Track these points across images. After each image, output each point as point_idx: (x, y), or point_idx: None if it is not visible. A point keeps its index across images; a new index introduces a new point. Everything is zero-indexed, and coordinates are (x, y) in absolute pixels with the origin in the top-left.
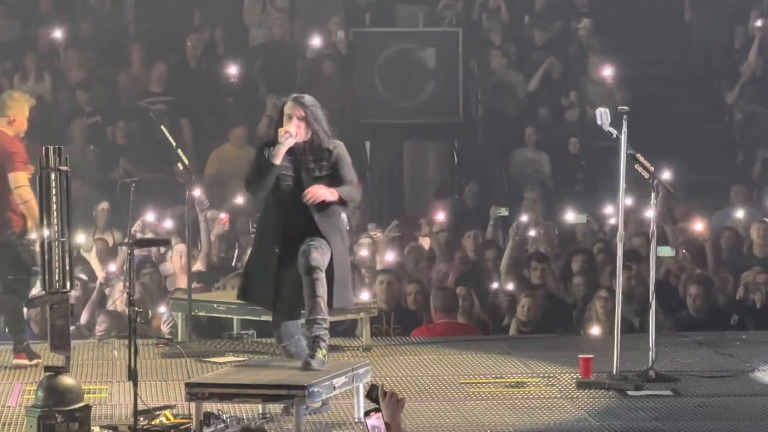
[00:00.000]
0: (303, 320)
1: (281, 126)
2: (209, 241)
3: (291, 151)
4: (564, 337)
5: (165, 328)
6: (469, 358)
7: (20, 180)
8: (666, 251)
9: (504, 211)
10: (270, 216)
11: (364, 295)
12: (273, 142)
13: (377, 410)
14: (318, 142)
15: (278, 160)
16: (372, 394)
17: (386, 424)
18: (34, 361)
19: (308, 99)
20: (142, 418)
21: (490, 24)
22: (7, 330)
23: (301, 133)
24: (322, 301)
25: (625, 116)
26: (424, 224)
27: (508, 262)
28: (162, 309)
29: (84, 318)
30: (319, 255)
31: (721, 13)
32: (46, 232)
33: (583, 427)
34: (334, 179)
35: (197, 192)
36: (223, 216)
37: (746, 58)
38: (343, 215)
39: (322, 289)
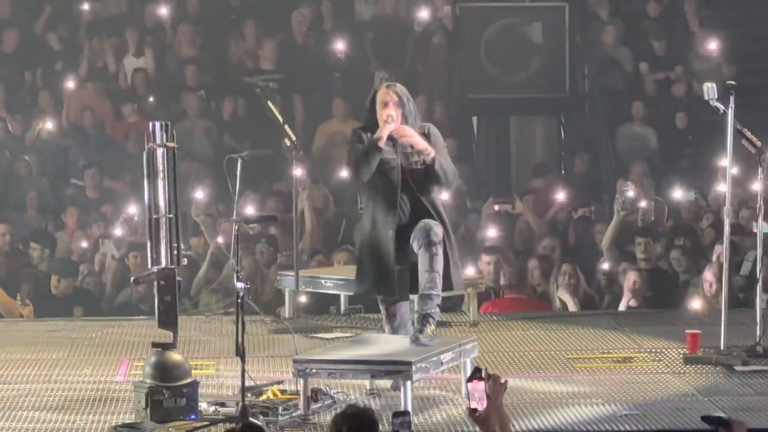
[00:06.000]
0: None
1: (374, 113)
2: (312, 218)
3: (390, 139)
4: (671, 312)
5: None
6: (576, 333)
7: None
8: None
9: (629, 189)
10: (377, 204)
11: (470, 270)
12: (368, 128)
13: (481, 378)
14: (412, 127)
15: (383, 143)
16: (475, 377)
17: (488, 395)
18: None
19: (401, 88)
20: (249, 394)
21: None
22: None
23: (398, 119)
24: (438, 277)
25: (732, 91)
26: (519, 201)
27: (611, 239)
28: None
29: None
30: (439, 230)
31: None
32: (153, 209)
33: (690, 403)
34: (431, 166)
35: (298, 170)
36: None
37: None
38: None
39: (439, 265)
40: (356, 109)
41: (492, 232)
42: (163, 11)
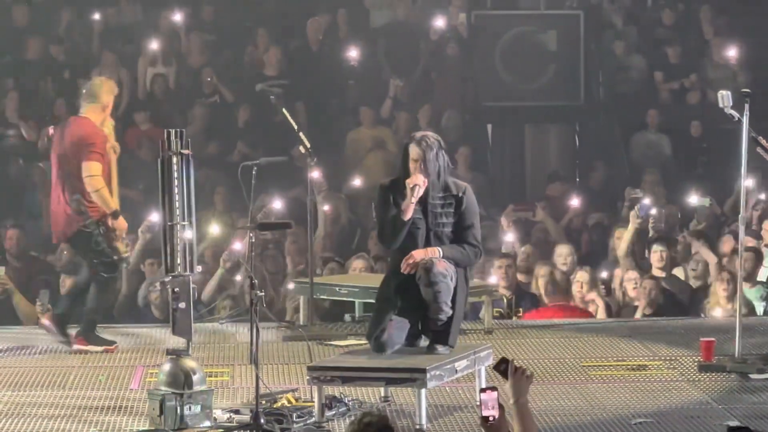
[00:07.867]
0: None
1: (406, 164)
2: (326, 223)
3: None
4: (686, 320)
5: (290, 304)
6: (591, 340)
7: (92, 169)
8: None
9: (641, 197)
10: (400, 260)
11: (491, 279)
12: (397, 184)
13: (494, 388)
14: (445, 185)
15: (409, 216)
16: (501, 367)
17: (500, 405)
18: (103, 348)
19: (432, 140)
20: (264, 402)
21: (611, 6)
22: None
23: (425, 184)
24: (445, 305)
25: (747, 99)
26: (539, 208)
27: (628, 246)
28: (291, 286)
29: (206, 298)
30: (443, 268)
31: None
32: (168, 216)
33: (704, 410)
34: (456, 229)
35: (315, 174)
36: (327, 208)
37: None
38: None
39: (444, 296)
40: (373, 116)
41: (508, 238)
42: (178, 18)
